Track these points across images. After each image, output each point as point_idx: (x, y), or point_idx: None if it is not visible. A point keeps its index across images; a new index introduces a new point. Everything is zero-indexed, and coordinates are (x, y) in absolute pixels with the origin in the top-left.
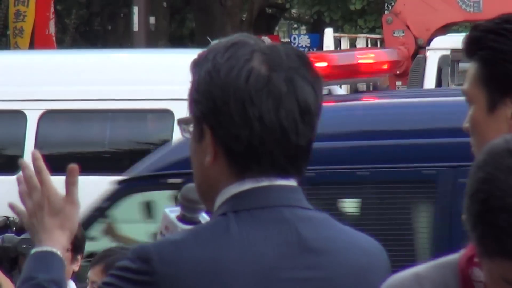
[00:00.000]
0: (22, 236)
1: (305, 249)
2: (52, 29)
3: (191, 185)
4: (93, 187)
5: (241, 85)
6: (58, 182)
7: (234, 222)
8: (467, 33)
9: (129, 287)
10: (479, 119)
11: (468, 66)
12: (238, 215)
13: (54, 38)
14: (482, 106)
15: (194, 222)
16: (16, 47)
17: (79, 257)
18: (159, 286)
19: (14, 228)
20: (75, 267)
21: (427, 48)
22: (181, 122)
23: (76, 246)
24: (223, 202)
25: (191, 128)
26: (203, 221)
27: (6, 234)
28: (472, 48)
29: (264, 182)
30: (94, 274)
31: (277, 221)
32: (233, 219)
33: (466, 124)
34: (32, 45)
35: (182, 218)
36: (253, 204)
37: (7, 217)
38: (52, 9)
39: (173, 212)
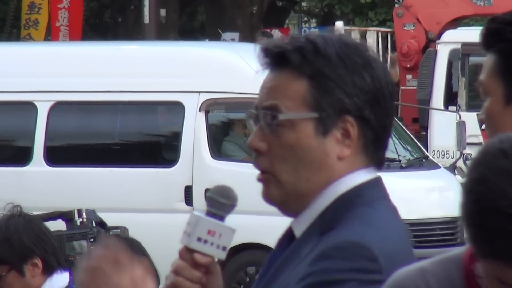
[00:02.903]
0: None
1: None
2: (63, 21)
3: (224, 185)
4: (103, 179)
5: (389, 79)
6: (68, 173)
7: (383, 213)
8: (485, 25)
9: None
10: (495, 111)
11: (485, 58)
12: (377, 204)
13: (62, 30)
14: (498, 99)
15: (223, 218)
16: (29, 38)
17: (34, 261)
18: (384, 282)
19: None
20: (37, 271)
21: (437, 41)
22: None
23: (15, 262)
24: (347, 192)
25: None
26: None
27: None
28: (490, 40)
29: (377, 172)
30: None
31: (396, 211)
32: (379, 209)
33: (481, 116)
34: (47, 37)
35: (212, 215)
36: (382, 194)
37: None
38: (67, 2)
39: (201, 214)
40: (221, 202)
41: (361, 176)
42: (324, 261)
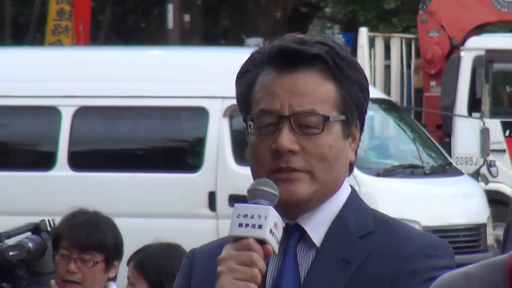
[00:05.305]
0: (8, 243)
1: None
2: (82, 24)
3: (265, 178)
4: (127, 184)
5: None
6: (92, 178)
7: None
8: None
9: None
10: None
11: None
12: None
13: (82, 34)
14: None
15: None
16: (60, 44)
17: (115, 263)
18: None
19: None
20: (112, 274)
21: (461, 48)
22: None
23: (110, 255)
24: (350, 196)
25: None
26: None
27: None
28: None
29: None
30: (128, 270)
31: None
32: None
33: None
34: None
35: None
36: None
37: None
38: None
39: (262, 205)
40: (272, 193)
41: (346, 181)
42: (426, 259)
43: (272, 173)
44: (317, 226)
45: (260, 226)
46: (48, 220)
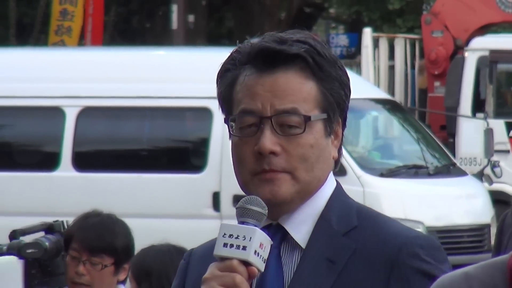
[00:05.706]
0: (26, 241)
1: None
2: (89, 27)
3: (253, 196)
4: (131, 184)
5: None
6: (96, 179)
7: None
8: None
9: None
10: None
11: None
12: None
13: (88, 36)
14: None
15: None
16: (62, 44)
17: (126, 266)
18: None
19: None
20: (121, 276)
21: (465, 48)
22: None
23: (120, 258)
24: (334, 192)
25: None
26: None
27: (13, 241)
28: None
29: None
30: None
31: None
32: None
33: None
34: (81, 43)
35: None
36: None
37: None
38: (91, 8)
39: (250, 226)
40: (260, 212)
41: (332, 177)
42: (416, 259)
43: (256, 174)
44: (299, 225)
45: (244, 248)
46: (63, 222)
